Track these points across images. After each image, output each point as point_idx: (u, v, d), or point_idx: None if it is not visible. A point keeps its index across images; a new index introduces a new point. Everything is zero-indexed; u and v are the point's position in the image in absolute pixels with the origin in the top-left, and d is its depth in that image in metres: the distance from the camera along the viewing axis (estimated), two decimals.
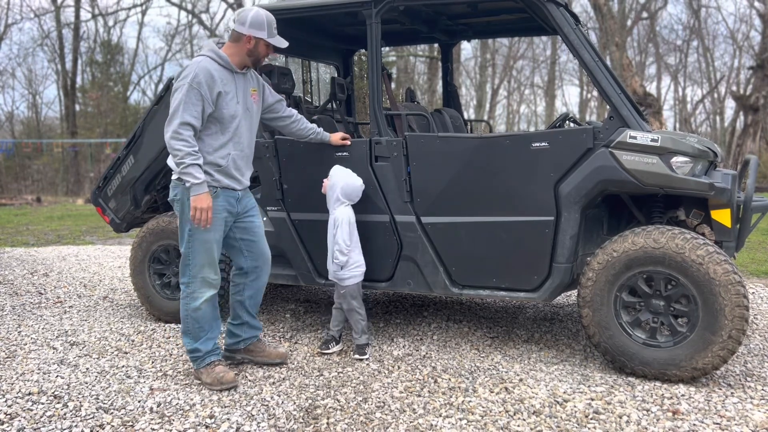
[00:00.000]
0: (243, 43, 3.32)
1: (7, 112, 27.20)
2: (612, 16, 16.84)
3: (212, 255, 3.36)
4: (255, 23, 3.29)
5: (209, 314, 3.43)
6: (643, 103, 14.89)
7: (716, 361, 3.22)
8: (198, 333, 3.41)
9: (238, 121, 3.36)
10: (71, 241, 9.01)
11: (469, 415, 3.02)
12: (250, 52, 3.35)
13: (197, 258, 3.33)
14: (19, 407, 3.15)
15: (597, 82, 3.46)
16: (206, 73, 3.20)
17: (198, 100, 3.18)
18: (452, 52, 5.56)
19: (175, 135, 3.15)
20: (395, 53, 20.25)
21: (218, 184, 3.33)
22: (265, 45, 3.37)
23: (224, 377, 3.36)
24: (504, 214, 3.68)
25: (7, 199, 16.71)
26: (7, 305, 5.17)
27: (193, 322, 3.40)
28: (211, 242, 3.34)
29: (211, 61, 3.26)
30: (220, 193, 3.34)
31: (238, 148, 3.39)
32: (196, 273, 3.35)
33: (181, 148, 3.15)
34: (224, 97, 3.27)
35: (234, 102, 3.33)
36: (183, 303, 3.41)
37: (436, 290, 3.90)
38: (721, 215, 3.42)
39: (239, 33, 3.31)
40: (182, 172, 3.18)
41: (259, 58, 3.40)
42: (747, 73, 22.08)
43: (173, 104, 3.20)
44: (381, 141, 3.86)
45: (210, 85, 3.21)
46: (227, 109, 3.29)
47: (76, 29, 23.30)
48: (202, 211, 3.19)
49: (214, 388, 3.35)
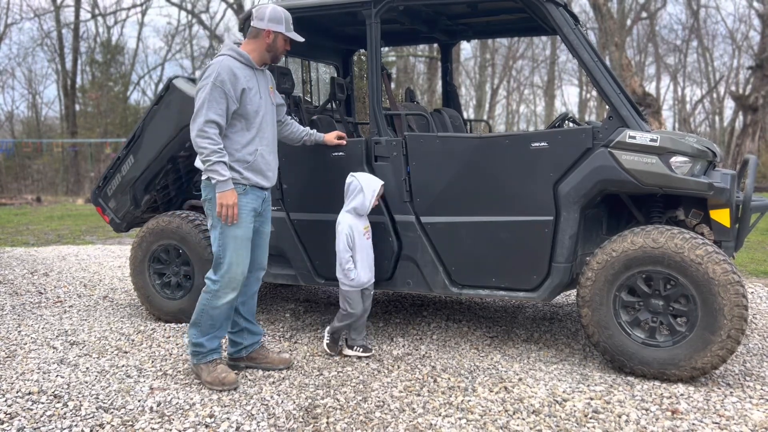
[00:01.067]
0: (262, 39, 3.39)
1: (7, 112, 27.23)
2: (611, 16, 16.85)
3: (244, 252, 3.37)
4: (273, 18, 3.37)
5: (225, 314, 3.44)
6: (642, 103, 14.91)
7: (715, 360, 3.23)
8: (208, 329, 3.41)
9: (262, 116, 3.41)
10: (71, 240, 9.01)
11: (469, 414, 3.02)
12: (269, 47, 3.41)
13: (229, 256, 3.34)
14: (19, 407, 3.15)
15: (596, 82, 3.47)
16: (228, 71, 3.24)
17: (222, 97, 3.22)
18: (452, 52, 5.57)
19: (201, 133, 3.19)
20: (395, 53, 20.26)
21: (247, 182, 3.36)
22: (284, 39, 3.44)
23: (226, 378, 3.35)
24: (503, 213, 3.68)
25: (7, 199, 16.71)
26: (7, 305, 5.18)
27: (208, 318, 3.40)
28: (243, 239, 3.36)
29: (233, 60, 3.31)
30: (249, 190, 3.38)
31: (264, 143, 3.43)
32: (225, 272, 3.35)
33: (206, 146, 3.19)
34: (248, 93, 3.32)
35: (257, 97, 3.38)
36: (205, 297, 3.39)
37: (435, 290, 3.90)
38: (720, 215, 3.42)
39: (258, 29, 3.38)
40: (208, 169, 3.22)
41: (278, 53, 3.46)
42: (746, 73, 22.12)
43: (197, 103, 3.24)
44: (380, 141, 3.87)
45: (233, 83, 3.25)
46: (251, 105, 3.34)
47: (76, 29, 23.33)
48: (228, 208, 3.24)
49: (215, 387, 3.35)
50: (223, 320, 3.44)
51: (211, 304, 3.39)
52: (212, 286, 3.38)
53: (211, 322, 3.41)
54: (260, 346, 3.71)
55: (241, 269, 3.37)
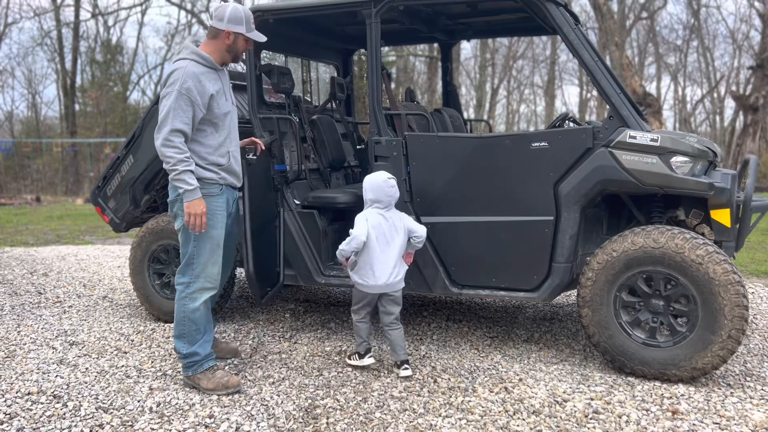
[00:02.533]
0: (222, 40, 3.32)
1: (6, 112, 27.26)
2: (611, 16, 16.84)
3: (217, 253, 3.36)
4: (233, 18, 3.28)
5: (205, 316, 3.39)
6: (642, 103, 14.90)
7: (716, 360, 3.22)
8: (195, 336, 3.35)
9: (230, 116, 3.39)
10: (71, 240, 9.00)
11: (469, 414, 3.02)
12: (229, 48, 3.34)
13: (202, 257, 3.32)
14: (18, 407, 3.14)
15: (596, 81, 3.46)
16: (194, 78, 3.17)
17: (188, 106, 3.16)
18: (452, 51, 5.56)
19: (167, 142, 3.13)
20: (395, 53, 20.26)
21: (224, 182, 3.36)
22: (244, 40, 3.37)
23: (229, 381, 3.31)
24: (504, 214, 3.68)
25: (6, 199, 16.70)
26: (7, 305, 5.17)
27: (190, 324, 3.34)
28: (219, 239, 3.35)
29: (197, 64, 3.23)
30: (225, 190, 3.37)
31: (234, 144, 3.42)
32: (200, 273, 3.32)
33: (172, 155, 3.13)
34: (216, 97, 3.26)
35: (224, 99, 3.34)
36: (180, 304, 3.35)
37: (435, 290, 3.90)
38: (721, 215, 3.42)
39: (218, 29, 3.30)
40: (175, 179, 3.16)
41: (239, 54, 3.41)
42: (747, 72, 22.10)
43: (162, 112, 3.16)
44: (381, 141, 3.86)
45: (200, 91, 3.18)
46: (219, 109, 3.29)
47: (76, 29, 23.31)
48: (196, 217, 3.18)
49: (219, 392, 3.29)
50: (205, 322, 3.39)
51: (188, 308, 3.33)
52: (186, 290, 3.34)
53: (195, 327, 3.35)
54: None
55: (216, 269, 3.37)
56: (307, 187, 4.51)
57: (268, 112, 4.36)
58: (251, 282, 3.79)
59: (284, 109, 4.65)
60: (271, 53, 4.80)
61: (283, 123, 4.40)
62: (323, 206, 4.29)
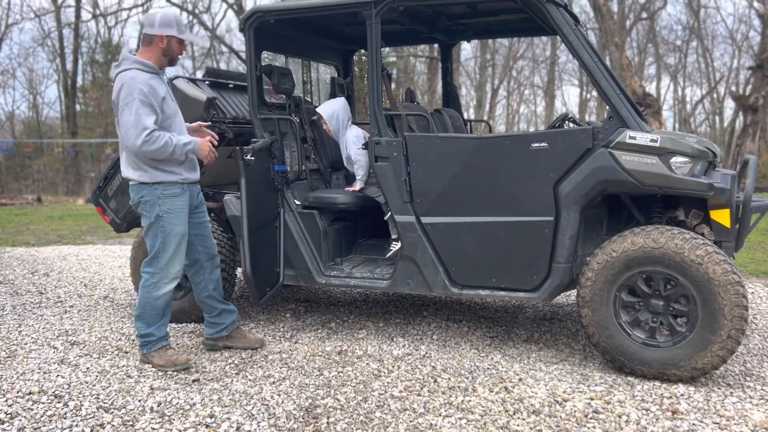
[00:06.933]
0: (156, 45, 3.49)
1: (7, 112, 27.25)
2: (611, 16, 16.84)
3: (181, 248, 3.61)
4: (164, 23, 3.46)
5: (166, 302, 3.66)
6: (642, 104, 14.88)
7: (715, 360, 3.23)
8: (153, 319, 3.63)
9: (178, 116, 3.60)
10: (72, 240, 9.01)
11: (469, 414, 3.02)
12: (164, 51, 3.50)
13: (167, 252, 3.55)
14: (19, 407, 3.15)
15: (596, 82, 3.47)
16: (146, 84, 3.36)
17: (151, 110, 3.36)
18: (452, 52, 5.57)
19: (146, 139, 3.32)
20: (395, 53, 20.25)
21: (185, 181, 3.56)
22: (178, 42, 3.52)
23: (178, 359, 3.60)
24: (504, 214, 3.69)
25: (7, 199, 16.71)
26: (8, 305, 5.18)
27: (151, 309, 3.61)
28: (183, 236, 3.60)
29: (141, 72, 3.40)
30: (186, 188, 3.58)
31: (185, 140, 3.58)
32: (164, 265, 3.57)
33: (161, 144, 3.35)
34: (166, 99, 3.48)
35: (170, 101, 3.55)
36: (145, 291, 3.60)
37: (435, 290, 3.90)
38: (721, 215, 3.42)
39: (151, 35, 3.47)
40: (182, 154, 3.43)
41: (175, 57, 3.57)
42: (746, 73, 22.11)
43: (127, 121, 3.32)
44: (381, 141, 3.87)
45: (154, 95, 3.39)
46: (169, 109, 3.51)
47: (77, 29, 23.32)
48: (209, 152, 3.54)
49: (167, 368, 3.58)
50: (165, 308, 3.67)
51: (152, 296, 3.59)
52: (151, 279, 3.59)
53: (155, 312, 3.62)
54: (237, 327, 3.98)
55: (179, 263, 3.62)
56: (307, 188, 4.52)
57: (269, 113, 4.37)
58: (249, 282, 3.80)
59: (285, 110, 4.65)
60: (271, 54, 4.81)
61: (284, 123, 4.41)
62: (324, 207, 4.30)
